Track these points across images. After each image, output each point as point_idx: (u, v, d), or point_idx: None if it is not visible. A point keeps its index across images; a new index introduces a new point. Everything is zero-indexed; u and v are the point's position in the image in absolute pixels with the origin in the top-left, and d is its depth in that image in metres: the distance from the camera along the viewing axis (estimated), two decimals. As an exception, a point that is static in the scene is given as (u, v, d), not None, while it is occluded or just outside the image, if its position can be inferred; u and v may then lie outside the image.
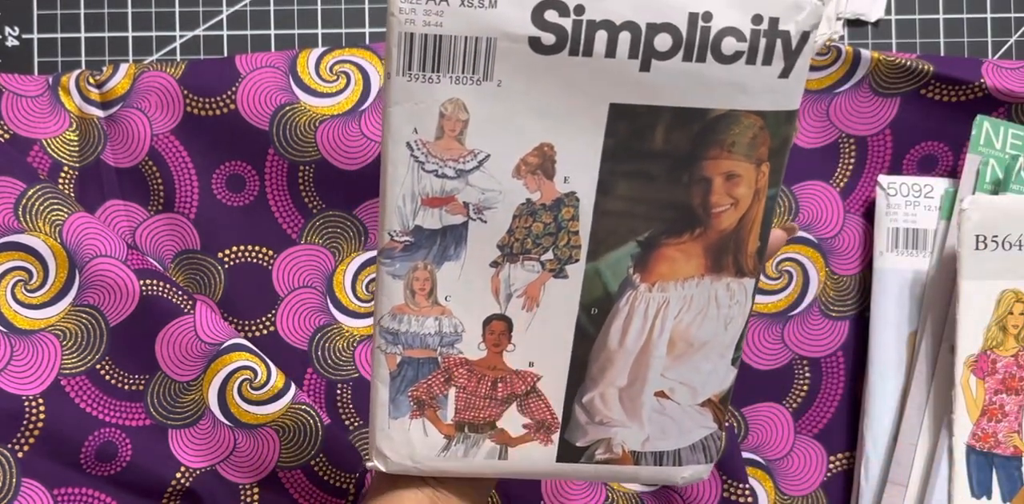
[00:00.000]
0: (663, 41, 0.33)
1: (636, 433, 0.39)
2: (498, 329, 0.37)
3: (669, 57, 0.33)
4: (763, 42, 0.33)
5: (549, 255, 0.36)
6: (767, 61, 0.33)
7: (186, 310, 0.53)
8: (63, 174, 0.55)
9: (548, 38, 0.33)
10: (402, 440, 0.38)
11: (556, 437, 0.39)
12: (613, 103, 0.34)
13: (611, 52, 0.33)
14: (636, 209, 0.36)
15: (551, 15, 0.33)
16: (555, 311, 0.37)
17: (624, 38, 0.33)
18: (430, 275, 0.37)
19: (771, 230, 0.37)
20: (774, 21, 0.33)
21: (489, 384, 0.38)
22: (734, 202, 0.36)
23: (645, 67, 0.33)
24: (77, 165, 0.55)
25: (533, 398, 0.38)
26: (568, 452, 0.39)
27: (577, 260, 0.37)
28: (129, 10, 0.58)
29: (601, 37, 0.33)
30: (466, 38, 0.33)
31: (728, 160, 0.35)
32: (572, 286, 0.37)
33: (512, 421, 0.39)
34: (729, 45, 0.33)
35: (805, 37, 0.33)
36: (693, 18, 0.33)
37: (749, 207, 0.36)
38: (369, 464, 0.39)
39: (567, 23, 0.33)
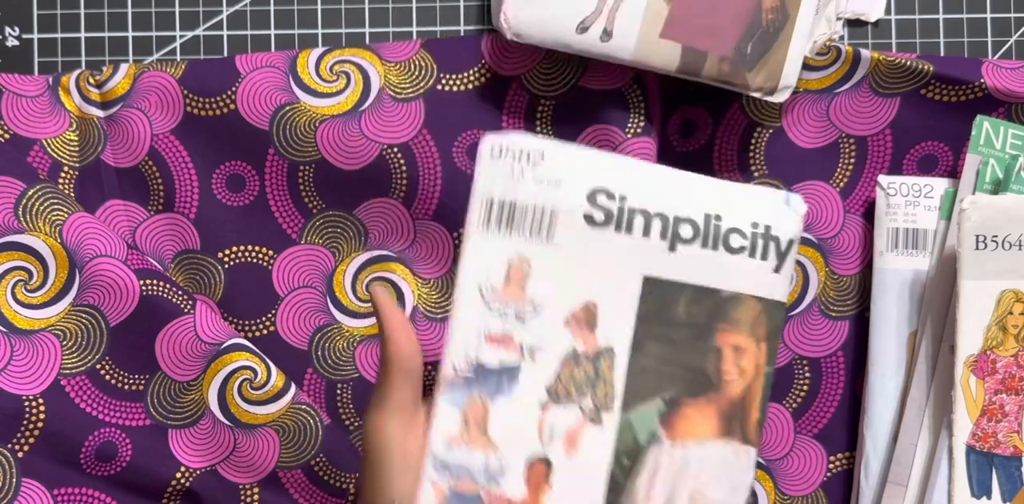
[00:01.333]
0: (686, 230, 0.40)
1: None
2: (540, 470, 0.39)
3: (690, 243, 0.40)
4: (760, 242, 0.41)
5: (589, 403, 0.40)
6: (764, 257, 0.41)
7: (186, 310, 0.53)
8: (63, 174, 0.55)
9: (599, 215, 0.40)
10: None
11: None
12: (646, 275, 0.40)
13: (647, 233, 0.40)
14: (663, 369, 0.41)
15: (602, 199, 0.40)
16: (591, 457, 0.40)
17: (656, 224, 0.40)
18: (484, 409, 0.39)
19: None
20: (768, 227, 0.41)
21: None
22: (741, 372, 0.41)
23: (672, 248, 0.40)
24: (77, 165, 0.55)
25: None
26: None
27: (612, 410, 0.40)
28: (129, 10, 0.58)
29: (639, 221, 0.40)
30: (534, 207, 0.40)
31: (736, 334, 0.41)
32: (607, 435, 0.40)
33: None
34: (735, 241, 0.41)
35: (791, 244, 0.41)
36: (708, 217, 0.41)
37: (753, 379, 0.41)
38: None
39: (613, 206, 0.40)
